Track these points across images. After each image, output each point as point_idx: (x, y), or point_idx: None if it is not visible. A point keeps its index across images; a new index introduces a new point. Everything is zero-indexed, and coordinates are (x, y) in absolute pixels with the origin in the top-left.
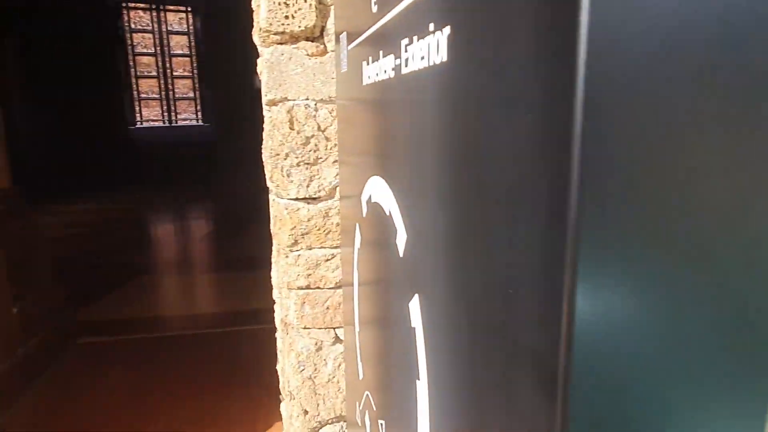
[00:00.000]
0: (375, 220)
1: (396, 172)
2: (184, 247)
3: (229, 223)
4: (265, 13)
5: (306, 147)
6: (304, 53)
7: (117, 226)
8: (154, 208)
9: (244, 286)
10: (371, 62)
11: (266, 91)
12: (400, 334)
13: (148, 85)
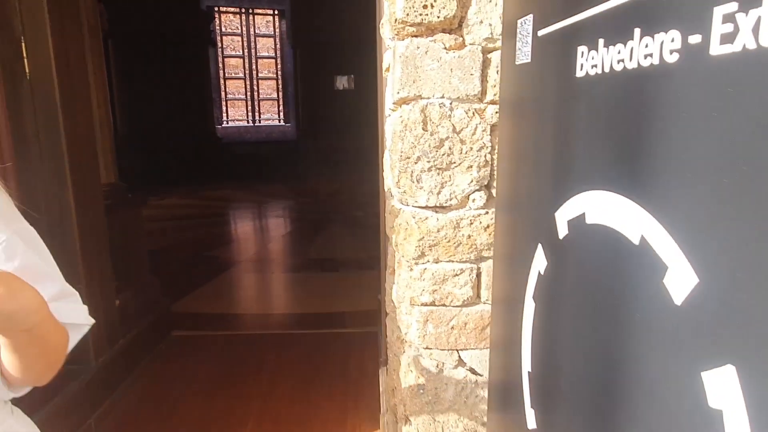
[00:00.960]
0: (595, 247)
1: (667, 192)
2: (266, 245)
3: (308, 222)
4: (402, 3)
5: (439, 150)
6: (441, 46)
7: (202, 221)
8: (236, 205)
9: (326, 288)
10: (605, 47)
11: (398, 88)
12: (669, 410)
13: (235, 85)
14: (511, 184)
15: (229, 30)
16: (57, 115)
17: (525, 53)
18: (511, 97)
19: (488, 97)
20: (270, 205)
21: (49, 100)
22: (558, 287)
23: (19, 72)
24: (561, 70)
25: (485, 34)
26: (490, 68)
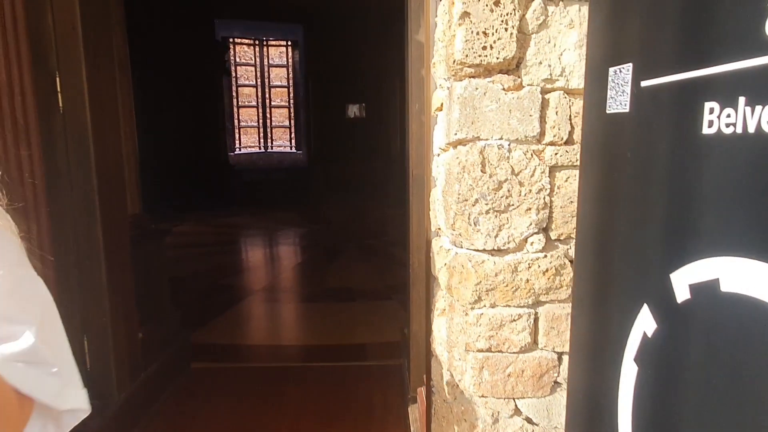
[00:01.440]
0: (734, 319)
1: None
2: (280, 273)
3: (321, 250)
4: (462, 44)
5: (498, 192)
6: (500, 87)
7: (215, 248)
8: (249, 232)
9: (344, 318)
10: (748, 105)
11: (456, 129)
12: None
13: (248, 113)
14: (600, 231)
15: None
16: (89, 149)
17: (621, 103)
18: (598, 144)
19: (547, 138)
20: (283, 233)
21: (82, 133)
22: (675, 355)
23: (53, 106)
24: (678, 125)
25: (544, 75)
26: (548, 109)
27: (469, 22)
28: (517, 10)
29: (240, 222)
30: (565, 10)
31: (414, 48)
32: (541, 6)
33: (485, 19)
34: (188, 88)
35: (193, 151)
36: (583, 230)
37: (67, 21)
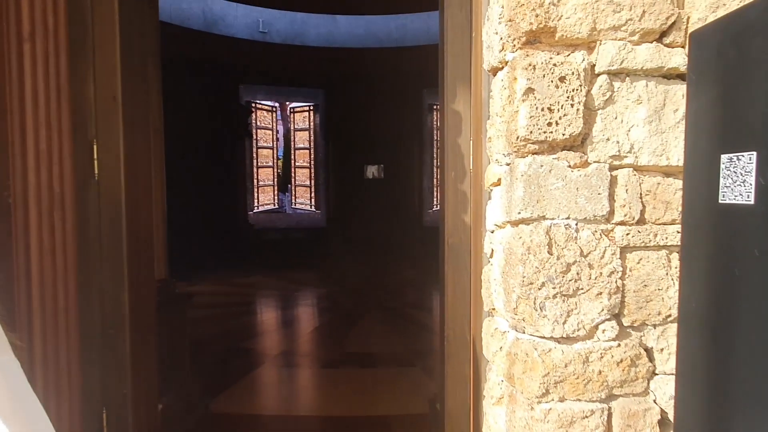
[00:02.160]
0: None
1: None
2: (299, 337)
3: (340, 313)
4: (525, 120)
5: (566, 276)
6: (566, 164)
7: (232, 309)
8: (267, 293)
9: (367, 386)
10: None
11: (520, 208)
12: None
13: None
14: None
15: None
16: (121, 216)
17: (740, 194)
18: (707, 233)
19: (616, 218)
20: (301, 294)
21: (115, 201)
22: None
23: (88, 174)
24: None
25: (612, 152)
26: (617, 187)
27: (533, 97)
28: (583, 86)
29: (258, 282)
30: (632, 86)
31: (450, 116)
32: (608, 82)
33: (550, 95)
34: (211, 149)
35: (214, 210)
36: (687, 317)
37: (108, 91)
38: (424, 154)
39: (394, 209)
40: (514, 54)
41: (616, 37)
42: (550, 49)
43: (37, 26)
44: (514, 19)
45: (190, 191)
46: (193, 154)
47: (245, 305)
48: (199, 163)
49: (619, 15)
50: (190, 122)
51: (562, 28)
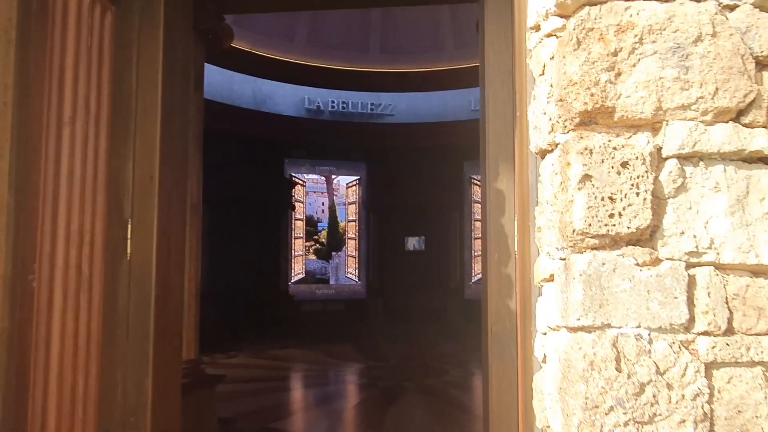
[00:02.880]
0: None
1: None
2: (337, 416)
3: (379, 390)
4: (583, 212)
5: (639, 398)
6: (633, 262)
7: (269, 384)
8: (304, 367)
9: None
10: None
11: (579, 313)
12: None
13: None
14: None
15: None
16: (150, 298)
17: None
18: None
19: (698, 327)
20: (339, 369)
21: (145, 282)
22: None
23: (120, 253)
24: None
25: (688, 248)
26: (697, 289)
27: (591, 186)
28: (649, 172)
29: (296, 355)
30: (707, 171)
31: (492, 196)
32: (678, 167)
33: (611, 182)
34: (254, 221)
35: (254, 280)
36: None
37: (146, 171)
38: (464, 226)
39: (434, 281)
40: (566, 136)
41: (686, 117)
42: (608, 131)
43: (79, 110)
44: (565, 99)
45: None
46: (236, 224)
47: (281, 380)
48: (242, 233)
49: (687, 93)
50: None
51: (621, 107)
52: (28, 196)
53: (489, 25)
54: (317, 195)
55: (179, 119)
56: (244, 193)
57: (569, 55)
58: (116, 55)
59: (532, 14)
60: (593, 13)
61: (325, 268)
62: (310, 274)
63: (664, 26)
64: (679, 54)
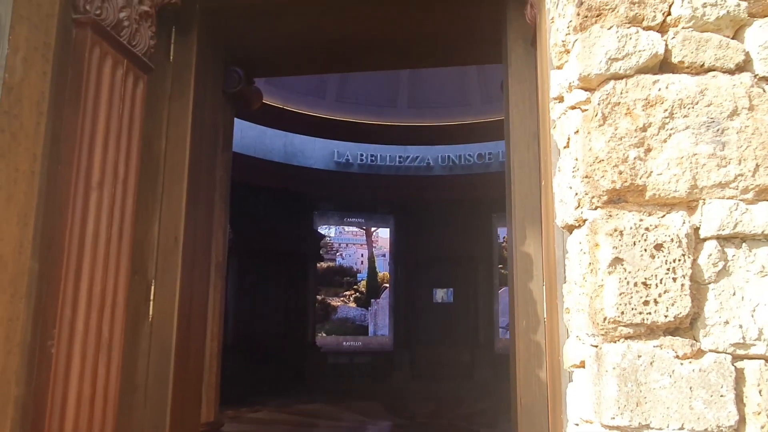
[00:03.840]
0: None
1: None
2: None
3: None
4: (614, 298)
5: None
6: (672, 354)
7: None
8: (329, 424)
9: None
10: None
11: (613, 411)
12: None
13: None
14: None
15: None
16: (169, 361)
17: None
18: None
19: (750, 429)
20: (364, 427)
21: (166, 344)
22: None
23: (142, 315)
24: None
25: (733, 338)
26: (746, 386)
27: (622, 270)
28: (686, 256)
29: (321, 411)
30: (751, 254)
31: (519, 259)
32: (718, 249)
33: (644, 266)
34: (282, 272)
35: (283, 334)
36: None
37: (171, 232)
38: (493, 278)
39: (462, 334)
40: (594, 213)
41: (724, 196)
42: (639, 209)
43: (107, 175)
44: (591, 176)
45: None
46: (264, 275)
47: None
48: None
49: (725, 170)
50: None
51: (653, 185)
52: (51, 261)
53: (513, 88)
54: (357, 246)
55: (206, 181)
56: (273, 243)
57: (594, 131)
58: (146, 119)
59: (554, 86)
60: (619, 87)
61: (364, 315)
62: (350, 321)
63: (696, 100)
64: (713, 129)
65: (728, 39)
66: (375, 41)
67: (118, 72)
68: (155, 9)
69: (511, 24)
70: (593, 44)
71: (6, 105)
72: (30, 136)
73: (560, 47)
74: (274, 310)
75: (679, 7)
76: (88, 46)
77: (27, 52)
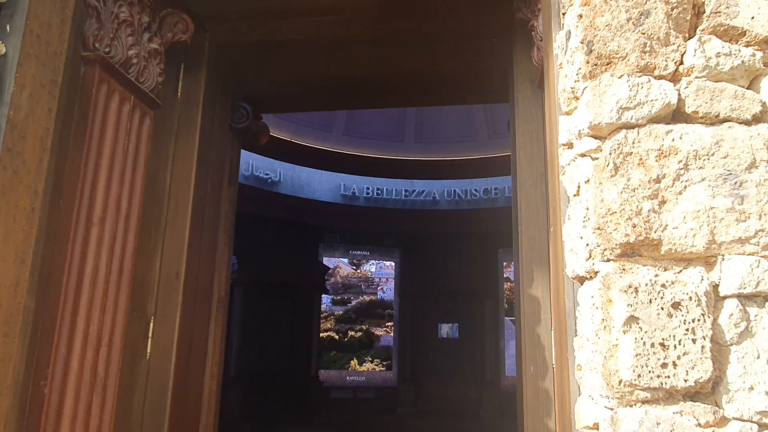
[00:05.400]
0: None
1: None
2: None
3: None
4: (630, 359)
5: None
6: (693, 422)
7: None
8: None
9: None
10: None
11: None
12: None
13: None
14: None
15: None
16: (166, 401)
17: None
18: None
19: None
20: None
21: (163, 384)
22: None
23: (139, 353)
24: None
25: (760, 406)
26: None
27: (638, 329)
28: (706, 315)
29: None
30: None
31: (527, 303)
32: (740, 309)
33: (662, 326)
34: (287, 304)
35: (285, 364)
36: None
37: (173, 268)
38: (498, 314)
39: (468, 370)
40: (606, 266)
41: (744, 252)
42: (654, 263)
43: (110, 210)
44: (604, 228)
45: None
46: (268, 306)
47: None
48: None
49: (744, 225)
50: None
51: (669, 240)
52: (48, 299)
53: (520, 129)
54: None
55: (210, 216)
56: (278, 275)
57: (606, 182)
58: (152, 154)
59: (563, 132)
60: (631, 136)
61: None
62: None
63: (711, 151)
64: (731, 182)
65: (744, 89)
66: (382, 80)
67: (124, 108)
68: (165, 46)
69: (518, 65)
70: (603, 93)
71: (9, 142)
72: (32, 172)
73: (569, 93)
74: (277, 342)
75: (691, 57)
76: (95, 83)
77: (33, 89)
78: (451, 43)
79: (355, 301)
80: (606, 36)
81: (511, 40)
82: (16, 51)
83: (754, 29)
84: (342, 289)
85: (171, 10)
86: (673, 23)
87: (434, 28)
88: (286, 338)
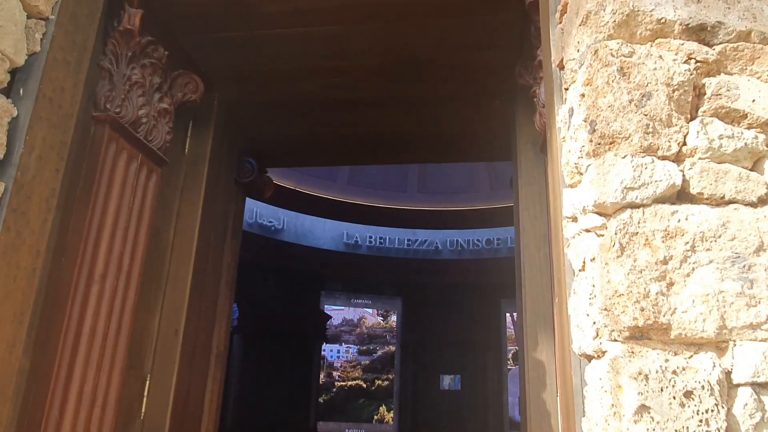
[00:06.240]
0: None
1: None
2: None
3: None
4: None
5: None
6: None
7: None
8: None
9: None
10: None
11: None
12: None
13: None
14: None
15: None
16: None
17: None
18: None
19: None
20: None
21: None
22: None
23: (134, 412)
24: None
25: None
26: None
27: (650, 419)
28: (720, 405)
29: None
30: None
31: (531, 367)
32: (754, 398)
33: (674, 416)
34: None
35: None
36: None
37: (172, 324)
38: (501, 366)
39: (471, 424)
40: (614, 347)
41: (756, 338)
42: (663, 347)
43: (111, 267)
44: (611, 310)
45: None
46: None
47: None
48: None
49: (755, 310)
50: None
51: (678, 324)
52: (44, 359)
53: (523, 191)
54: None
55: (213, 270)
56: (278, 323)
57: (613, 262)
58: (157, 210)
59: (567, 205)
60: (636, 216)
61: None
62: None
63: (718, 233)
64: (739, 265)
65: (748, 171)
66: (386, 138)
67: (132, 166)
68: (174, 106)
69: (520, 128)
70: (607, 172)
71: (15, 203)
72: (35, 232)
73: (572, 168)
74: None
75: (694, 138)
76: (104, 142)
77: (42, 150)
78: (455, 104)
79: (381, 351)
80: (609, 116)
81: (514, 104)
82: (28, 114)
83: (755, 112)
84: (368, 339)
85: (182, 71)
86: (675, 105)
87: (438, 90)
88: (285, 387)
